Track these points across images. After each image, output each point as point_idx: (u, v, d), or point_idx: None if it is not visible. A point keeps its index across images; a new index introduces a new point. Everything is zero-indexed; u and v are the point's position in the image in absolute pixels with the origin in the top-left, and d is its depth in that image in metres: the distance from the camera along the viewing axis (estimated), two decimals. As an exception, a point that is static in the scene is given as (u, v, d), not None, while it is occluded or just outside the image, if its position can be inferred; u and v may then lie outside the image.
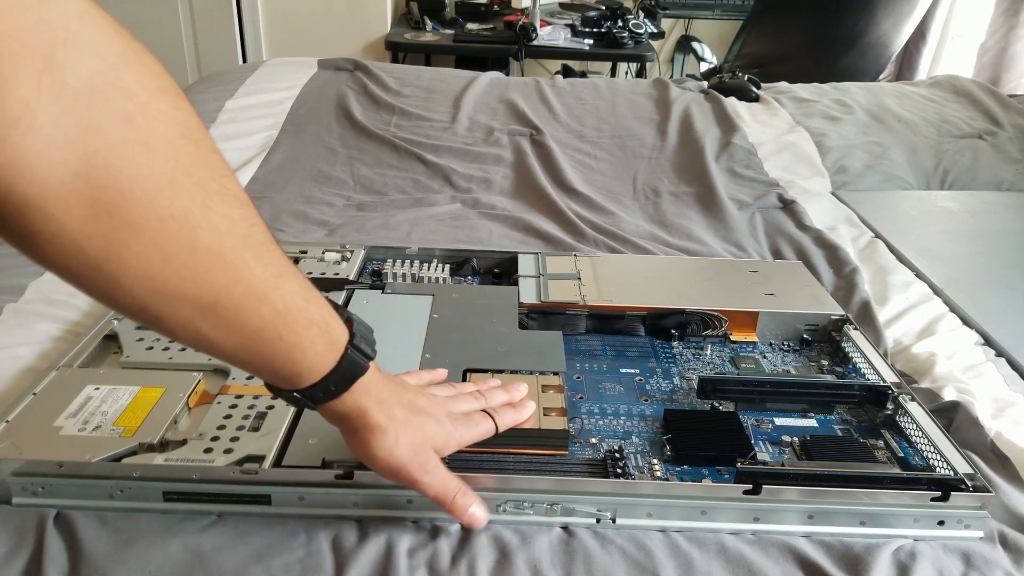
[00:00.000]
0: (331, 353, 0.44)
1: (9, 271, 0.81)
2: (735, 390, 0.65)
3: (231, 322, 0.39)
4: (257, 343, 0.41)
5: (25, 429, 0.55)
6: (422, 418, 0.50)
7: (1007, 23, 2.38)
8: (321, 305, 0.44)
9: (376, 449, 0.47)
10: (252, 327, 0.40)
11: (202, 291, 0.37)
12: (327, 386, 0.45)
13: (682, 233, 1.01)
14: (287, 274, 0.41)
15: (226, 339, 0.40)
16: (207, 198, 0.36)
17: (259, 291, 0.39)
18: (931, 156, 1.33)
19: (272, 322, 0.40)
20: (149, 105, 0.34)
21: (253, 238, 0.39)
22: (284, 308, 0.41)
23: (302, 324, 0.42)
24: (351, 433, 0.48)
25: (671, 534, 0.53)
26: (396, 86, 1.50)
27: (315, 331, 0.43)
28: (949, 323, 0.82)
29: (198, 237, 0.36)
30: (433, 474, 0.49)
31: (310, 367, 0.44)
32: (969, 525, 0.53)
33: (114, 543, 0.49)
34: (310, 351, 0.43)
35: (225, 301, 0.38)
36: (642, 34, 2.36)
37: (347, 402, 0.46)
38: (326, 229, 0.98)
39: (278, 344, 0.41)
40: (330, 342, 0.44)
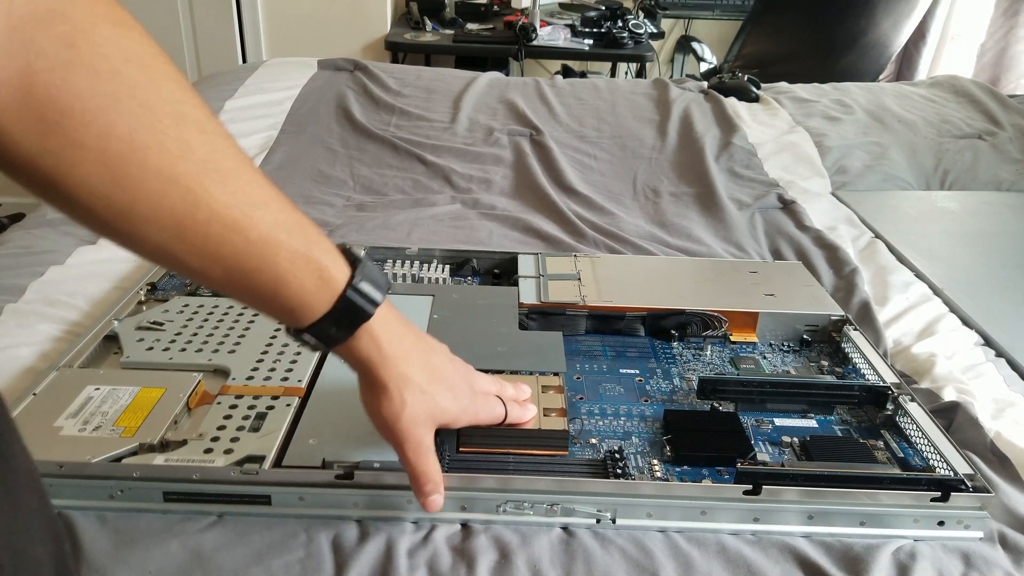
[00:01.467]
0: (326, 292, 0.43)
1: (9, 271, 0.81)
2: (735, 390, 0.65)
3: (201, 248, 0.39)
4: (237, 274, 0.41)
5: (25, 429, 0.54)
6: (439, 388, 0.49)
7: (1007, 23, 2.38)
8: (313, 240, 0.43)
9: (380, 409, 0.47)
10: (226, 255, 0.40)
11: (160, 214, 0.38)
12: (327, 328, 0.44)
13: (682, 233, 1.01)
14: (266, 204, 0.41)
15: (205, 267, 0.40)
16: (156, 121, 0.37)
17: (226, 218, 0.39)
18: (931, 156, 1.33)
19: (246, 252, 0.40)
20: (93, 31, 0.35)
21: (216, 164, 0.39)
22: (260, 238, 0.40)
23: (284, 256, 0.41)
24: (362, 384, 0.48)
25: (671, 534, 0.53)
26: (396, 86, 1.50)
27: (302, 265, 0.42)
28: (949, 323, 0.82)
29: (147, 159, 0.36)
30: (423, 456, 0.49)
31: (301, 304, 0.43)
32: (969, 525, 0.53)
33: (114, 543, 0.49)
34: (295, 286, 0.42)
35: (189, 225, 0.38)
36: (642, 34, 2.36)
37: (353, 349, 0.46)
38: (326, 229, 0.98)
39: (259, 276, 0.41)
40: (323, 280, 0.43)
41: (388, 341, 0.47)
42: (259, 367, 0.64)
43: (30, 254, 0.85)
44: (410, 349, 0.48)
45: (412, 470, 0.49)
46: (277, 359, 0.65)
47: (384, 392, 0.47)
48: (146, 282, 0.77)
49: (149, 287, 0.77)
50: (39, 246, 0.88)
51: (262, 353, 0.66)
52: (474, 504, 0.53)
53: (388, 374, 0.47)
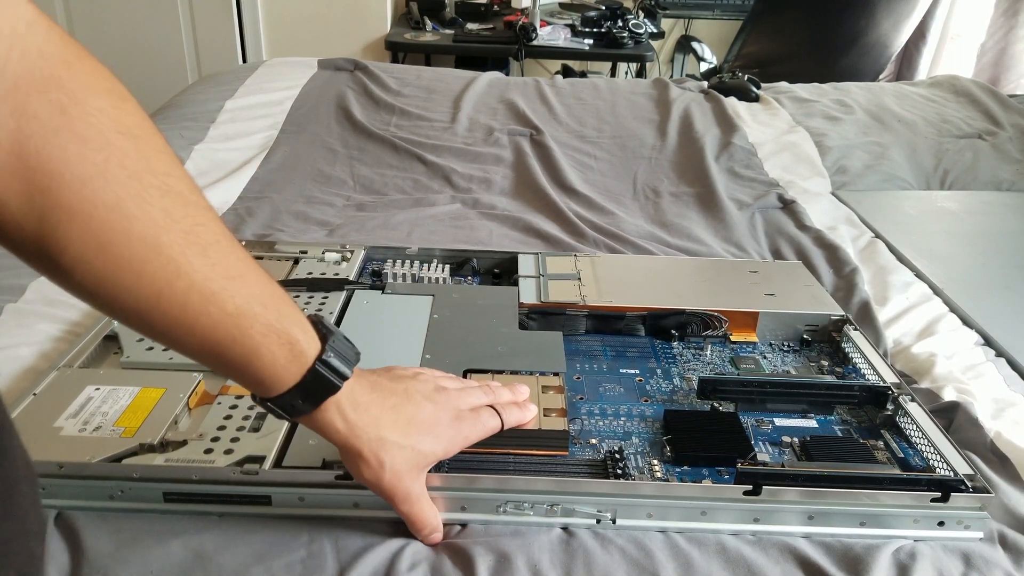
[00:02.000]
0: (294, 366, 0.44)
1: (9, 271, 0.81)
2: (735, 390, 0.65)
3: (178, 317, 0.40)
4: (210, 343, 0.41)
5: (25, 430, 0.54)
6: (418, 437, 0.49)
7: (1007, 23, 2.38)
8: (286, 314, 0.43)
9: (362, 473, 0.48)
10: (202, 325, 0.40)
11: (141, 282, 0.38)
12: (293, 400, 0.45)
13: (682, 233, 1.01)
14: (243, 277, 0.41)
15: (180, 336, 0.41)
16: (143, 191, 0.37)
17: (205, 290, 0.40)
18: (931, 156, 1.33)
19: (222, 323, 0.41)
20: (86, 101, 0.36)
21: (198, 236, 0.40)
22: (236, 311, 0.41)
23: (257, 330, 0.42)
24: (339, 450, 0.49)
25: (671, 534, 0.53)
26: (396, 86, 1.50)
27: (274, 339, 0.43)
28: (949, 323, 0.82)
29: (132, 228, 0.37)
30: (416, 506, 0.50)
31: (271, 377, 0.44)
32: (969, 526, 0.53)
33: (115, 542, 0.49)
34: (267, 359, 0.43)
35: (168, 295, 0.39)
36: (642, 34, 2.36)
37: (320, 420, 0.46)
38: (326, 229, 0.98)
39: (233, 347, 0.42)
40: (293, 353, 0.44)
41: (354, 411, 0.47)
42: (259, 367, 0.64)
43: (30, 254, 0.85)
44: (378, 414, 0.48)
45: (408, 520, 0.50)
46: (277, 359, 0.65)
47: (360, 457, 0.48)
48: (146, 282, 0.77)
49: (149, 287, 0.77)
50: (39, 246, 0.87)
51: (262, 353, 0.66)
52: (474, 504, 0.53)
53: (360, 441, 0.47)
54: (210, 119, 1.30)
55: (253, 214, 1.00)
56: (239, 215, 1.00)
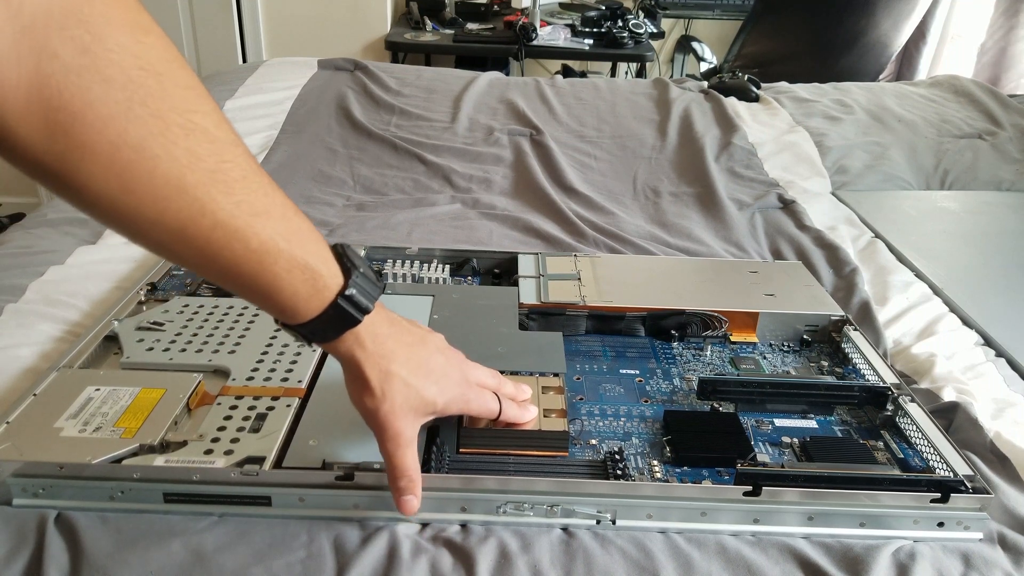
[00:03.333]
0: (317, 299, 0.45)
1: (9, 271, 0.81)
2: (735, 391, 0.65)
3: (202, 251, 0.40)
4: (233, 275, 0.42)
5: (25, 430, 0.55)
6: (423, 381, 0.50)
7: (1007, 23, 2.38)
8: (310, 249, 0.44)
9: (363, 399, 0.49)
10: (225, 259, 0.41)
11: (165, 219, 0.38)
12: (314, 329, 0.46)
13: (682, 233, 1.01)
14: (267, 214, 0.42)
15: (203, 265, 0.42)
16: (167, 130, 0.37)
17: (229, 227, 0.40)
18: (931, 156, 1.33)
19: (246, 259, 0.41)
20: (108, 37, 0.35)
21: (224, 174, 0.40)
22: (260, 247, 0.41)
23: (281, 266, 0.43)
24: (346, 374, 0.50)
25: (671, 535, 0.53)
26: (396, 86, 1.50)
27: (298, 275, 0.43)
28: (949, 323, 0.82)
29: (156, 168, 0.37)
30: (401, 449, 0.50)
31: (293, 308, 0.45)
32: (968, 526, 0.53)
33: (115, 543, 0.49)
34: (289, 293, 0.44)
35: (192, 230, 0.39)
36: (642, 34, 2.36)
37: (339, 348, 0.48)
38: (326, 229, 0.98)
39: (257, 280, 0.42)
40: (316, 288, 0.44)
41: (372, 342, 0.48)
42: (259, 368, 0.64)
43: (30, 254, 0.85)
44: (395, 347, 0.50)
45: (388, 462, 0.50)
46: (277, 360, 0.65)
47: (365, 385, 0.49)
48: (146, 282, 0.77)
49: (149, 287, 0.77)
50: (39, 246, 0.88)
51: (262, 354, 0.66)
52: (474, 505, 0.53)
53: (370, 370, 0.48)
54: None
55: (253, 214, 1.00)
56: (239, 215, 1.00)
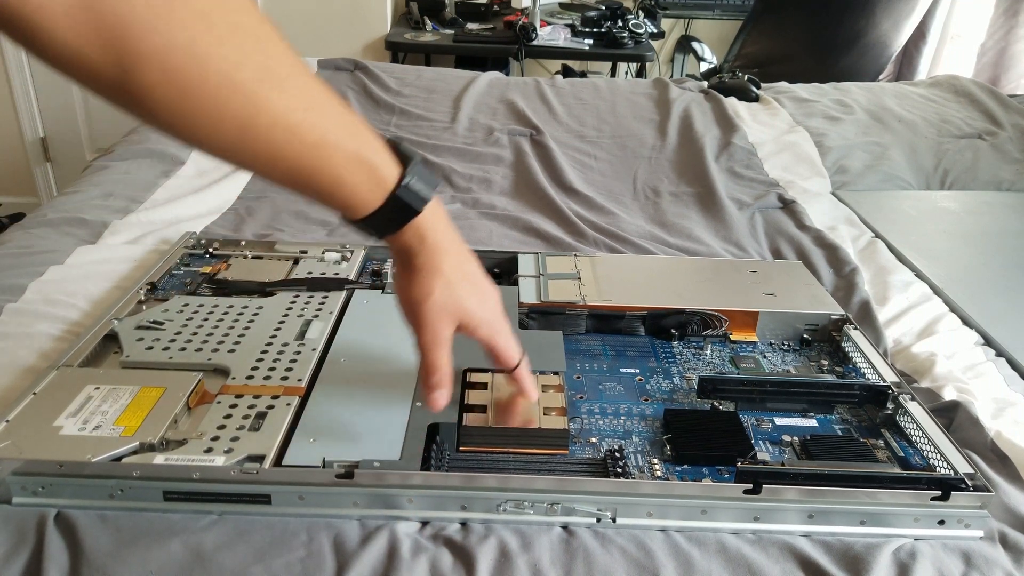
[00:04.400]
0: (377, 191, 0.46)
1: (9, 271, 0.81)
2: (735, 390, 0.65)
3: (264, 152, 0.41)
4: (296, 174, 0.43)
5: (25, 429, 0.55)
6: (468, 289, 0.52)
7: (1007, 23, 2.38)
8: (366, 141, 0.46)
9: (410, 291, 0.51)
10: (286, 158, 0.42)
11: (224, 121, 0.39)
12: (377, 222, 0.47)
13: (682, 233, 1.01)
14: (321, 108, 0.43)
15: (267, 168, 0.43)
16: (213, 29, 0.38)
17: (285, 123, 0.41)
18: (931, 156, 1.33)
19: (305, 155, 0.42)
20: None
21: (273, 70, 0.41)
22: (318, 141, 0.42)
23: (339, 159, 0.44)
24: (399, 268, 0.51)
25: (671, 533, 0.53)
26: (396, 86, 1.50)
27: (356, 167, 0.45)
28: (949, 323, 0.82)
29: (207, 68, 0.38)
30: (438, 347, 0.51)
31: (355, 203, 0.46)
32: (969, 524, 0.53)
33: (115, 542, 0.49)
34: (350, 186, 0.45)
35: (251, 132, 0.40)
36: (642, 34, 2.36)
37: (399, 240, 0.49)
38: (326, 229, 0.98)
39: (318, 177, 0.44)
40: (375, 179, 0.46)
41: (431, 234, 0.50)
42: (259, 366, 0.64)
43: (30, 254, 0.85)
44: (449, 247, 0.51)
45: (424, 358, 0.52)
46: (277, 359, 0.65)
47: (416, 276, 0.50)
48: (146, 282, 0.77)
49: (149, 287, 0.77)
50: (39, 246, 0.88)
51: (262, 352, 0.66)
52: (474, 503, 0.53)
53: (423, 262, 0.50)
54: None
55: (253, 214, 1.00)
56: (239, 215, 1.00)
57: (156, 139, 1.21)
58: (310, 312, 0.73)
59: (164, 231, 0.94)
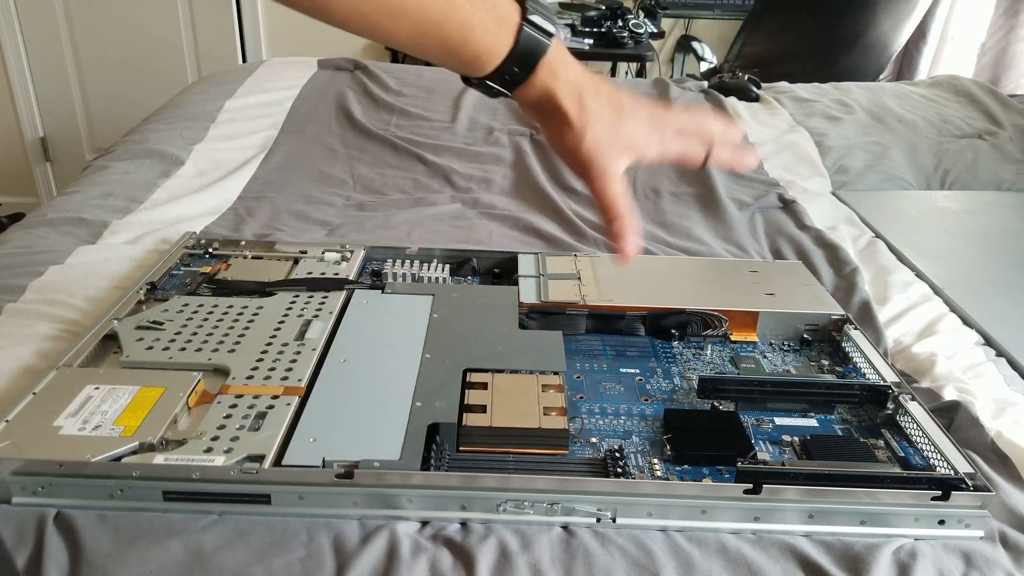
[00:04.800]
0: (505, 31, 0.45)
1: (9, 271, 0.81)
2: (735, 390, 0.65)
3: (391, 4, 0.41)
4: (428, 27, 0.43)
5: (25, 429, 0.55)
6: (620, 115, 0.50)
7: (1007, 23, 2.38)
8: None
9: (565, 140, 0.49)
10: (414, 8, 0.42)
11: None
12: (511, 68, 0.46)
13: (682, 233, 1.01)
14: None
15: (396, 25, 0.42)
16: None
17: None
18: (931, 156, 1.33)
19: (432, 2, 0.42)
20: None
21: None
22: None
23: (464, 2, 0.43)
24: (545, 121, 0.49)
25: (671, 533, 0.53)
26: (396, 86, 1.50)
27: (480, 7, 0.44)
28: (949, 323, 0.82)
29: None
30: (609, 184, 0.50)
31: (487, 48, 0.45)
32: (970, 524, 0.53)
33: (115, 542, 0.49)
34: (480, 29, 0.44)
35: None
36: (642, 34, 2.36)
37: (536, 85, 0.47)
38: (326, 229, 0.98)
39: (448, 25, 0.43)
40: (500, 19, 0.45)
41: (564, 70, 0.48)
42: (259, 366, 0.64)
43: (30, 254, 0.85)
44: (583, 80, 0.49)
45: (599, 198, 0.50)
46: (277, 358, 0.65)
47: (565, 121, 0.48)
48: (146, 282, 0.77)
49: (149, 287, 0.77)
50: (39, 246, 0.88)
51: (262, 352, 0.66)
52: (474, 503, 0.53)
53: (567, 102, 0.48)
54: (210, 119, 1.30)
55: (253, 214, 1.00)
56: (239, 215, 1.00)
57: (156, 139, 1.21)
58: (310, 312, 0.73)
59: (164, 231, 0.94)
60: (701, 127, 0.55)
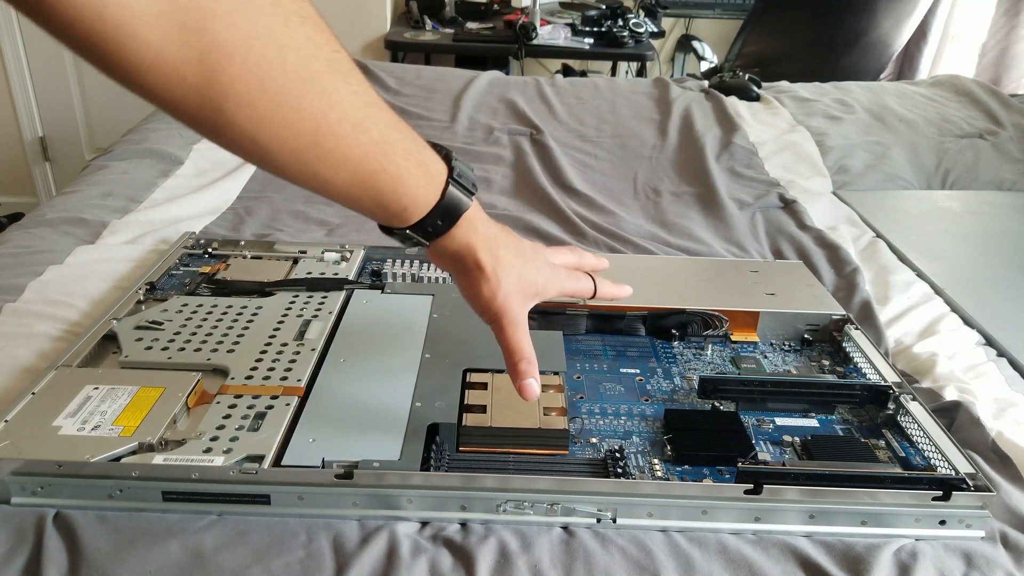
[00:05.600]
0: (432, 186, 0.47)
1: (8, 271, 0.81)
2: (736, 390, 0.64)
3: (334, 152, 0.41)
4: (363, 176, 0.43)
5: (24, 429, 0.55)
6: (525, 263, 0.53)
7: (1008, 23, 2.38)
8: (414, 138, 0.46)
9: (480, 290, 0.52)
10: (354, 158, 0.42)
11: (301, 118, 0.39)
12: (434, 221, 0.48)
13: (683, 233, 1.01)
14: (377, 104, 0.43)
15: (334, 174, 0.42)
16: (287, 19, 0.38)
17: (353, 119, 0.41)
18: (932, 156, 1.33)
19: (371, 152, 0.43)
20: None
21: (339, 63, 0.41)
22: (380, 137, 0.43)
23: (399, 154, 0.44)
24: (460, 274, 0.52)
25: (672, 534, 0.52)
26: (396, 85, 1.50)
27: (413, 162, 0.45)
28: (950, 323, 0.82)
29: (286, 58, 0.38)
30: (519, 331, 0.53)
31: (415, 200, 0.46)
32: (970, 525, 0.53)
33: (114, 543, 0.49)
34: (411, 183, 0.45)
35: (324, 130, 0.40)
36: (642, 33, 2.36)
37: (456, 238, 0.50)
38: (326, 229, 0.98)
39: (382, 176, 0.44)
40: (430, 175, 0.46)
41: (483, 226, 0.50)
42: (258, 366, 0.64)
43: (29, 254, 0.85)
44: (496, 232, 0.52)
45: (508, 345, 0.53)
46: (276, 358, 0.65)
47: (482, 273, 0.51)
48: (145, 282, 0.77)
49: (148, 287, 0.77)
50: (38, 246, 0.87)
51: (261, 352, 0.66)
52: (474, 504, 0.53)
53: (484, 256, 0.50)
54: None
55: (252, 214, 1.00)
56: (239, 215, 1.00)
57: (155, 138, 1.21)
58: (309, 312, 0.73)
59: (163, 231, 0.94)
60: (582, 263, 0.62)
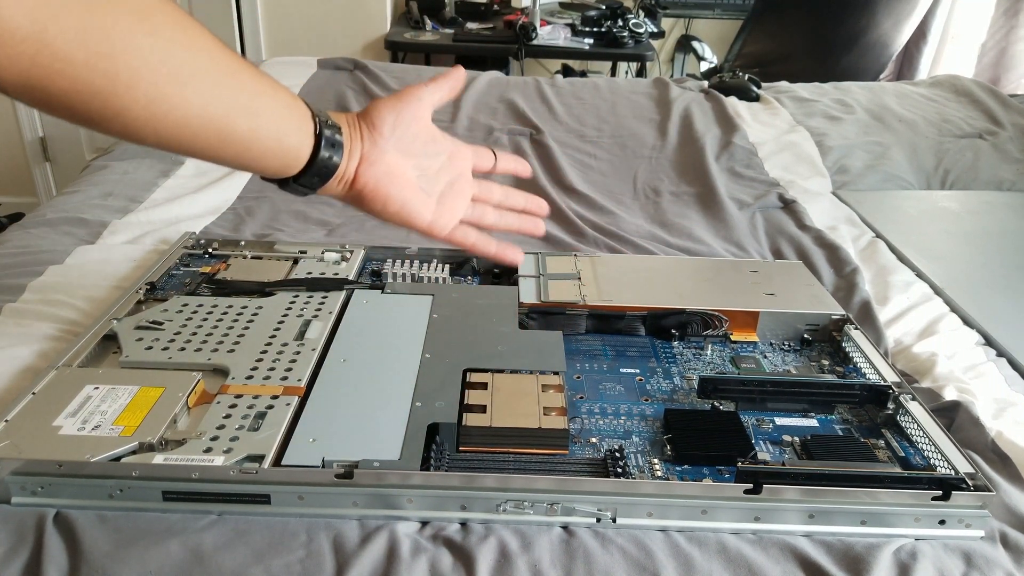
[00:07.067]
0: (295, 164, 0.53)
1: (8, 271, 0.81)
2: (736, 390, 0.64)
3: None
4: (228, 159, 0.50)
5: (24, 429, 0.55)
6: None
7: (1008, 23, 2.38)
8: (281, 118, 0.53)
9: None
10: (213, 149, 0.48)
11: None
12: (302, 183, 0.55)
13: (682, 233, 1.01)
14: None
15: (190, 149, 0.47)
16: None
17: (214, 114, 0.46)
18: (932, 156, 1.33)
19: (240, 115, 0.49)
20: None
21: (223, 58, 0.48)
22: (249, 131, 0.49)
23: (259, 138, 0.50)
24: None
25: (671, 534, 0.53)
26: (396, 85, 1.50)
27: (274, 147, 0.51)
28: (950, 323, 0.82)
29: None
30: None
31: (279, 172, 0.53)
32: (970, 524, 0.53)
33: (114, 542, 0.49)
34: (272, 164, 0.52)
35: None
36: (642, 33, 2.36)
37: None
38: (326, 229, 0.98)
39: (243, 156, 0.50)
40: (296, 156, 0.53)
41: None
42: (258, 366, 0.64)
43: (29, 254, 0.85)
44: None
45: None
46: (276, 359, 0.65)
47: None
48: (145, 282, 0.77)
49: (148, 287, 0.77)
50: (38, 246, 0.88)
51: (261, 352, 0.66)
52: (474, 503, 0.53)
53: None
54: (210, 119, 1.30)
55: (253, 214, 1.00)
56: (239, 215, 1.00)
57: (156, 139, 1.21)
58: (310, 312, 0.73)
59: (163, 231, 0.94)
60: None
